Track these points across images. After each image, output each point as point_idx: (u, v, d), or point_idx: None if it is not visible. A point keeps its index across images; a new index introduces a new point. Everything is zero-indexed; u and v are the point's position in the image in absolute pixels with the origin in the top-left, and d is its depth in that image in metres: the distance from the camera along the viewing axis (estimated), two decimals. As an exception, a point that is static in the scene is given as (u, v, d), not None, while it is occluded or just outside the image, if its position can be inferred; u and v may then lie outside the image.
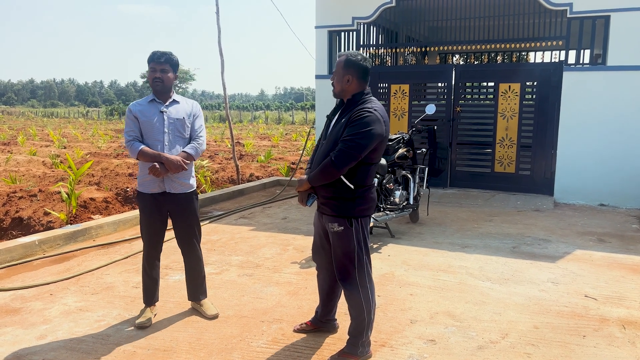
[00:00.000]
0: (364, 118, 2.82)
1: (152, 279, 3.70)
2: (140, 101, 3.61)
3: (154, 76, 3.50)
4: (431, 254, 5.21)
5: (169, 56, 3.52)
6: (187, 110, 3.63)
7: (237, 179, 9.54)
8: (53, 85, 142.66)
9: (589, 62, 8.00)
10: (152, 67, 3.50)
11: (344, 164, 2.80)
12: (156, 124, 3.50)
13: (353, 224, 2.96)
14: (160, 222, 3.62)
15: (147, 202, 3.56)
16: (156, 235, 3.64)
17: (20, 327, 3.54)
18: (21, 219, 6.79)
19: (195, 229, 3.73)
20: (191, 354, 3.18)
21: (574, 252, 5.33)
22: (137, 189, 3.62)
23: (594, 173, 7.74)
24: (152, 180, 3.51)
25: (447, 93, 8.86)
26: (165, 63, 3.50)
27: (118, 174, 10.64)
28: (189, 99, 3.74)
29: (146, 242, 3.65)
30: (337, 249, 3.02)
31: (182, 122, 3.58)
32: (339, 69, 2.96)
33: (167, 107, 3.55)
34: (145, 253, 3.67)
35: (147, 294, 3.71)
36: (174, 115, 3.56)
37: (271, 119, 46.60)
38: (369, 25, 9.46)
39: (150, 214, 3.58)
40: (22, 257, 5.00)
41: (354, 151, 2.79)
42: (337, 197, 2.94)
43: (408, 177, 6.27)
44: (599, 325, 3.60)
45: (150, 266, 3.67)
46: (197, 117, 3.69)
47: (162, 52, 3.52)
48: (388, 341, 3.34)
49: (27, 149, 16.94)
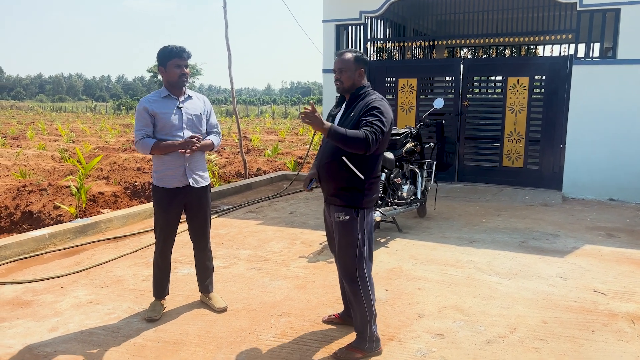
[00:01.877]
0: (381, 106, 2.93)
1: (163, 273, 3.73)
2: (153, 97, 3.53)
3: (181, 72, 3.45)
4: (439, 249, 5.21)
5: (189, 52, 3.49)
6: (201, 106, 3.65)
7: (244, 173, 9.56)
8: (61, 79, 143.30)
9: (599, 56, 7.95)
10: (177, 63, 3.43)
11: (373, 144, 2.83)
12: (175, 120, 3.47)
13: (359, 214, 3.00)
14: (176, 216, 3.63)
15: (164, 196, 3.55)
16: (171, 228, 3.65)
17: (32, 320, 3.58)
18: (31, 213, 6.85)
19: (208, 222, 3.77)
20: (200, 347, 3.21)
21: (583, 246, 5.31)
22: (153, 183, 3.59)
23: (603, 167, 7.69)
24: (173, 175, 3.50)
25: (455, 87, 8.82)
26: (187, 59, 3.48)
27: (126, 168, 10.71)
28: (198, 94, 3.74)
29: (160, 235, 3.65)
30: (341, 239, 3.05)
31: (199, 118, 3.60)
32: (349, 65, 3.04)
33: (182, 102, 3.54)
34: (159, 246, 3.67)
35: (158, 287, 3.73)
36: (192, 111, 3.56)
37: (278, 113, 46.61)
38: (376, 19, 9.42)
39: (167, 207, 3.58)
40: (33, 251, 5.05)
41: (380, 134, 2.86)
42: (349, 188, 2.98)
43: (416, 172, 6.26)
44: (608, 320, 3.59)
45: (163, 260, 3.69)
46: (211, 112, 3.73)
47: (182, 47, 3.46)
48: (396, 335, 3.35)
49: (36, 144, 17.05)
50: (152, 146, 3.40)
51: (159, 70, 3.51)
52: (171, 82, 3.49)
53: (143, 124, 3.45)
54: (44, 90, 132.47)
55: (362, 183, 2.97)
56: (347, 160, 2.94)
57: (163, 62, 3.46)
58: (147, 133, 3.44)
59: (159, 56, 3.47)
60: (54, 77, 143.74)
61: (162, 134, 3.47)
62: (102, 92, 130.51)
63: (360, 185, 2.98)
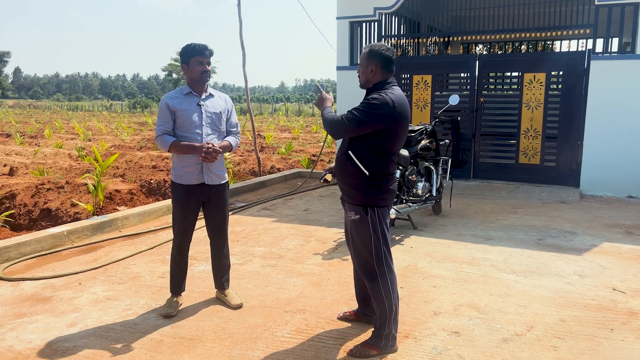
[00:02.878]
0: (372, 100, 2.90)
1: (181, 269, 3.76)
2: (175, 94, 3.58)
3: (203, 69, 3.49)
4: (454, 246, 5.18)
5: (212, 50, 3.54)
6: (222, 104, 3.67)
7: (258, 171, 9.59)
8: (77, 79, 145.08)
9: (617, 51, 7.80)
10: (199, 60, 3.47)
11: (338, 128, 2.91)
12: (195, 117, 3.51)
13: (369, 213, 2.96)
14: (194, 213, 3.67)
15: (183, 193, 3.59)
16: (189, 225, 3.68)
17: (51, 315, 3.64)
18: (49, 210, 6.95)
19: (226, 219, 3.80)
20: (216, 343, 3.23)
21: (601, 244, 5.24)
22: (172, 180, 3.63)
23: (622, 164, 7.57)
24: (191, 172, 3.54)
25: (471, 83, 8.75)
26: (209, 56, 3.52)
27: (142, 166, 10.81)
28: (221, 92, 3.77)
29: (179, 232, 3.68)
30: (356, 238, 3.05)
31: (219, 117, 3.62)
32: (363, 60, 3.03)
33: (203, 100, 3.57)
34: (177, 243, 3.70)
35: (175, 284, 3.76)
36: (212, 109, 3.59)
37: (291, 111, 46.67)
38: (390, 15, 9.37)
39: (186, 204, 3.61)
40: (51, 247, 5.12)
41: (349, 122, 2.87)
42: (354, 184, 2.97)
43: (431, 169, 6.22)
44: (627, 318, 3.54)
45: (180, 256, 3.72)
46: (232, 111, 3.76)
47: (205, 45, 3.51)
48: (411, 332, 3.34)
49: (54, 142, 17.30)
50: (171, 145, 3.46)
51: (182, 67, 3.58)
52: (193, 79, 3.53)
53: (163, 120, 3.51)
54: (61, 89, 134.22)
55: (367, 179, 2.93)
56: (352, 154, 2.93)
57: (186, 60, 3.52)
58: (166, 130, 3.50)
59: (182, 54, 3.54)
60: (71, 77, 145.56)
61: (182, 130, 3.51)
62: (118, 91, 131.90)
63: (364, 181, 2.93)
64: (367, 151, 2.91)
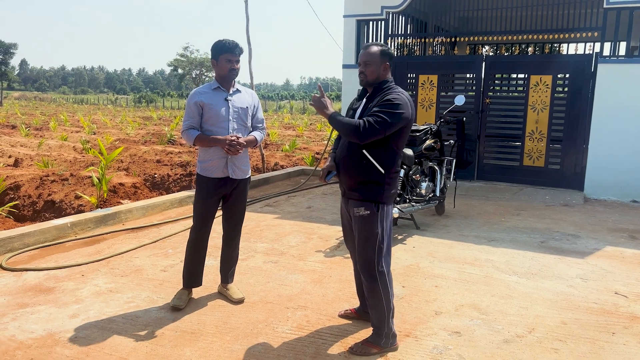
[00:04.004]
0: (395, 99, 2.92)
1: (198, 262, 3.77)
2: (204, 89, 3.63)
3: (232, 67, 3.53)
4: (457, 247, 5.17)
5: (242, 48, 3.58)
6: (249, 100, 3.71)
7: (262, 167, 9.60)
8: (83, 72, 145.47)
9: (625, 55, 7.76)
10: (229, 58, 3.51)
11: (367, 133, 2.87)
12: (222, 112, 3.55)
13: (380, 209, 2.99)
14: (215, 206, 3.71)
15: (207, 185, 3.63)
16: (210, 218, 3.72)
17: (53, 306, 3.65)
18: (53, 202, 6.98)
19: (244, 213, 3.85)
20: (217, 337, 3.24)
21: (604, 248, 5.22)
22: (198, 172, 3.68)
23: (627, 169, 7.54)
24: (216, 166, 3.58)
25: (476, 84, 8.73)
26: (239, 55, 3.56)
27: (146, 160, 10.83)
28: (248, 89, 3.80)
29: (199, 224, 3.70)
30: (361, 234, 3.04)
31: (245, 112, 3.66)
32: (375, 59, 3.02)
33: (231, 95, 3.61)
34: (195, 236, 3.72)
35: (191, 278, 3.76)
36: (238, 104, 3.62)
37: (296, 108, 46.67)
38: (397, 14, 9.35)
39: (209, 197, 3.65)
40: (55, 239, 5.14)
41: (379, 126, 2.86)
42: (368, 182, 2.98)
43: (435, 169, 6.21)
44: (629, 323, 3.53)
45: (199, 249, 3.74)
46: (258, 107, 3.79)
47: (235, 43, 3.53)
48: (412, 331, 3.34)
49: (59, 134, 17.35)
50: (196, 138, 3.51)
51: (212, 63, 3.63)
52: (221, 76, 3.57)
53: (190, 116, 3.56)
54: (67, 82, 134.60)
55: (382, 177, 2.97)
56: (367, 154, 2.94)
57: (215, 56, 3.55)
58: (192, 125, 3.55)
59: (213, 49, 3.57)
60: (77, 70, 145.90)
61: (209, 124, 3.55)
62: (123, 85, 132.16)
63: (380, 179, 2.97)
64: (381, 150, 2.95)
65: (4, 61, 54.63)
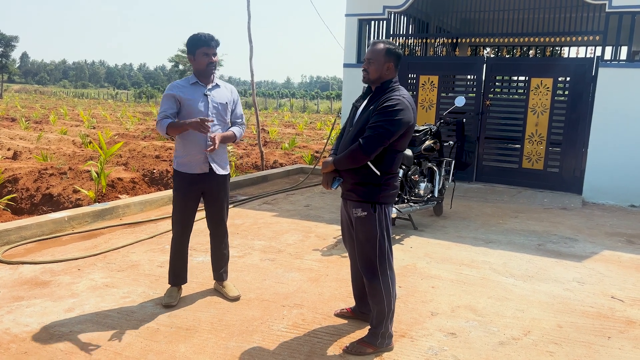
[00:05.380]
0: (394, 105, 2.86)
1: (181, 260, 3.75)
2: (182, 82, 3.57)
3: (209, 61, 3.47)
4: (454, 248, 5.17)
5: (218, 40, 3.51)
6: (228, 95, 3.66)
7: (261, 165, 9.59)
8: (84, 66, 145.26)
9: (626, 59, 7.76)
10: (205, 51, 3.45)
11: (372, 150, 2.84)
12: (200, 107, 3.50)
13: (377, 210, 2.97)
14: (195, 202, 3.66)
15: (185, 182, 3.58)
16: (190, 215, 3.68)
17: (49, 300, 3.64)
18: (51, 196, 6.97)
19: (226, 210, 3.79)
20: (212, 334, 3.23)
21: (602, 252, 5.22)
22: (174, 168, 3.62)
23: (626, 173, 7.54)
24: (193, 161, 3.53)
25: (477, 86, 8.72)
26: (215, 47, 3.50)
27: (145, 156, 10.81)
28: (227, 83, 3.75)
29: (179, 221, 3.67)
30: (360, 235, 3.03)
31: (224, 107, 3.61)
32: (379, 57, 2.97)
33: (210, 90, 3.56)
34: (177, 233, 3.70)
35: (176, 275, 3.75)
36: (217, 100, 3.58)
37: (296, 107, 46.61)
38: (399, 14, 9.34)
39: (187, 193, 3.61)
40: (52, 232, 5.13)
41: (382, 137, 2.82)
42: (364, 183, 2.96)
43: (434, 170, 6.21)
44: (625, 327, 3.53)
45: (181, 246, 3.72)
46: (237, 103, 3.74)
47: (211, 35, 3.47)
48: (408, 332, 3.34)
49: (58, 128, 17.32)
50: (167, 126, 3.41)
51: (189, 58, 3.57)
52: (199, 70, 3.52)
53: (165, 107, 3.49)
54: (67, 76, 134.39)
55: (379, 178, 2.95)
56: None
57: (192, 50, 3.50)
58: (166, 115, 3.46)
59: (188, 44, 3.51)
60: (77, 64, 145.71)
61: (187, 119, 3.48)
62: (124, 80, 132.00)
63: (377, 180, 2.95)
64: (381, 152, 2.91)
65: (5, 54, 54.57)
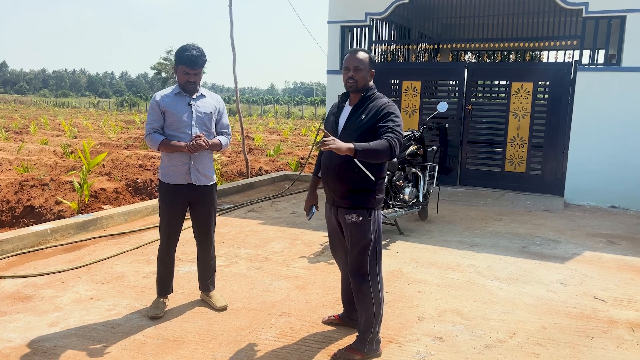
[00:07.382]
0: (396, 112, 2.99)
1: (168, 270, 3.73)
2: (167, 93, 3.56)
3: (188, 80, 3.46)
4: (440, 252, 5.21)
5: (203, 59, 3.47)
6: (213, 105, 3.66)
7: (246, 172, 9.57)
8: (65, 75, 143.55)
9: (604, 63, 7.92)
10: (186, 70, 3.44)
11: (397, 149, 2.89)
12: (184, 117, 3.49)
13: (372, 215, 3.02)
14: (181, 213, 3.65)
15: (169, 192, 3.57)
16: (176, 225, 3.66)
17: (32, 314, 3.59)
18: (33, 208, 6.86)
19: (213, 220, 3.77)
20: (200, 345, 3.21)
21: (584, 253, 5.31)
22: (159, 179, 3.62)
23: (606, 174, 7.69)
24: (178, 172, 3.53)
25: (459, 91, 8.82)
26: (197, 69, 3.46)
27: (128, 165, 10.72)
28: (213, 93, 3.75)
29: (165, 232, 3.66)
30: (354, 240, 3.04)
31: (209, 117, 3.61)
32: (366, 65, 3.03)
33: (194, 100, 3.56)
34: (164, 244, 3.68)
35: (162, 285, 3.73)
36: (202, 110, 3.57)
37: (280, 113, 46.62)
38: (381, 21, 9.42)
39: (172, 204, 3.59)
40: (34, 245, 5.06)
41: (399, 140, 2.90)
42: (359, 190, 2.99)
43: (418, 175, 6.26)
44: (607, 327, 3.59)
45: (167, 257, 3.70)
46: (223, 112, 3.74)
47: (196, 55, 3.41)
48: (395, 337, 3.35)
49: (39, 138, 17.07)
50: (160, 143, 3.44)
51: (174, 68, 3.59)
52: (179, 84, 3.54)
53: (153, 119, 3.49)
54: (48, 85, 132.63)
55: (373, 184, 3.00)
56: (359, 162, 2.95)
57: (176, 63, 3.52)
58: (155, 128, 3.48)
59: (175, 55, 3.51)
60: (58, 72, 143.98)
61: (171, 129, 3.50)
62: (106, 89, 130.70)
63: (371, 186, 3.00)
64: None
65: (-17, 63, 53.63)
